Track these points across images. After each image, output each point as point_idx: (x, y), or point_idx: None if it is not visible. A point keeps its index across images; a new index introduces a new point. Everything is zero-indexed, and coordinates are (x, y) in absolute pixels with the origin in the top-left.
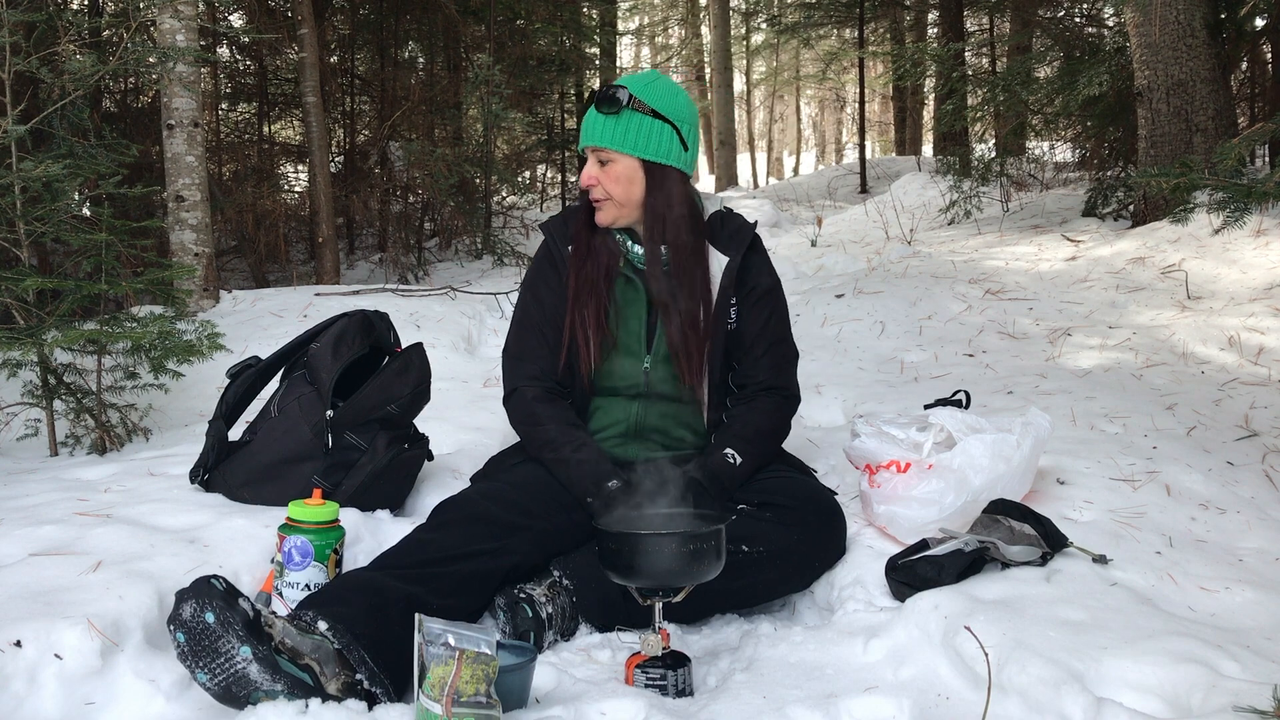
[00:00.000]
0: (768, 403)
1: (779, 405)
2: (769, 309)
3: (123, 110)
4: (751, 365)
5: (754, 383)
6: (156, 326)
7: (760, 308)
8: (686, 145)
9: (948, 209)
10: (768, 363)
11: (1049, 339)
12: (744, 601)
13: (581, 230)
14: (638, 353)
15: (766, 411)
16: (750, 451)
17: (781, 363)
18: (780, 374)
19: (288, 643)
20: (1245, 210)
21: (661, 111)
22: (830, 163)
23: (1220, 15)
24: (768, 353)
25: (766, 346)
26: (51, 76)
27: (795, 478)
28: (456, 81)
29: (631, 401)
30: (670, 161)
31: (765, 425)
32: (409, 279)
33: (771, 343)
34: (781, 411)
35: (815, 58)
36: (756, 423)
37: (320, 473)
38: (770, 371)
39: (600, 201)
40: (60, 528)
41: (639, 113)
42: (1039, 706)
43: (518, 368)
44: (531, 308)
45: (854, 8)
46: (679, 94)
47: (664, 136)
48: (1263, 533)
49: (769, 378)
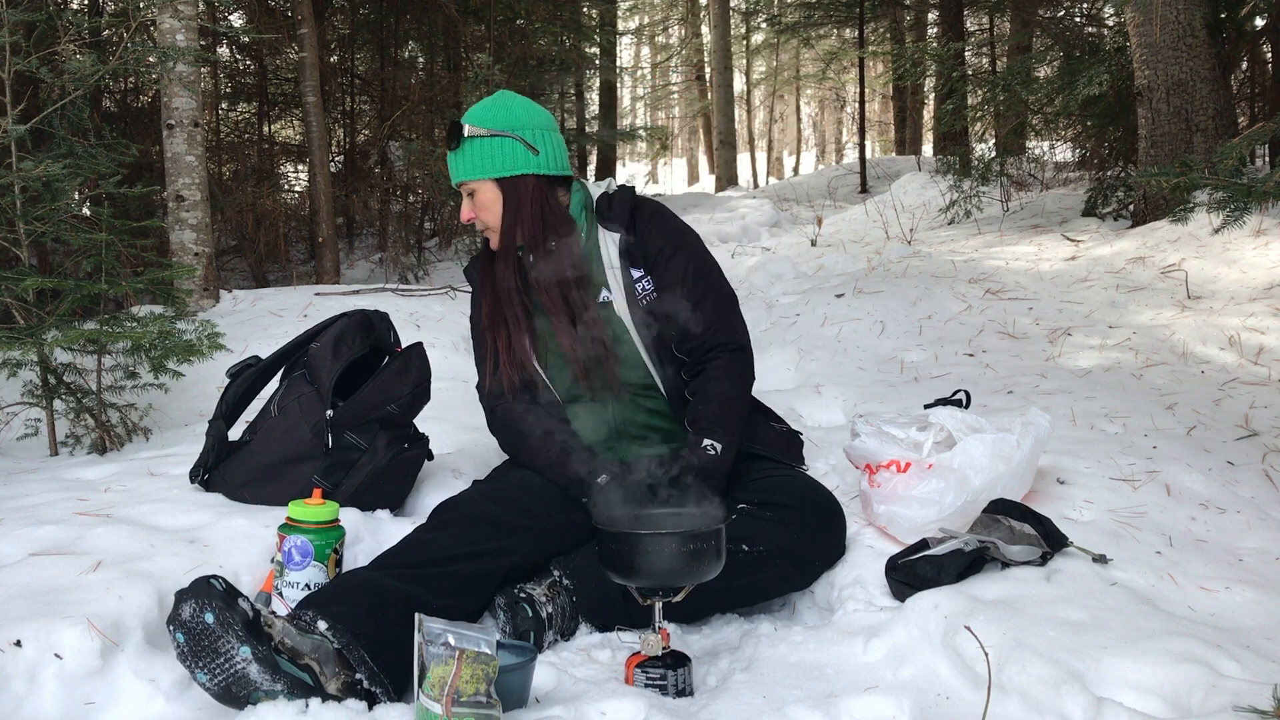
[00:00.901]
0: (718, 366)
1: (729, 364)
2: (681, 265)
3: (123, 110)
4: (687, 325)
5: (696, 343)
6: (156, 326)
7: (670, 267)
8: (535, 148)
9: (948, 209)
10: (700, 317)
11: (1049, 339)
12: (744, 601)
13: (483, 262)
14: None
15: (720, 377)
16: (724, 430)
17: (717, 313)
18: (720, 326)
19: (287, 642)
20: (1245, 210)
21: (497, 129)
22: (830, 162)
23: (1220, 15)
24: (698, 306)
25: (695, 301)
26: (51, 76)
27: (796, 476)
28: (456, 81)
29: (605, 403)
30: (520, 170)
31: (728, 391)
32: (409, 279)
33: (699, 296)
34: (736, 370)
35: (815, 57)
36: (719, 392)
37: (320, 473)
38: (707, 325)
39: (485, 231)
40: (60, 528)
41: (478, 138)
42: (1039, 706)
43: (490, 388)
44: (479, 344)
45: (854, 8)
46: (514, 104)
47: (506, 150)
48: (1263, 533)
49: (708, 332)
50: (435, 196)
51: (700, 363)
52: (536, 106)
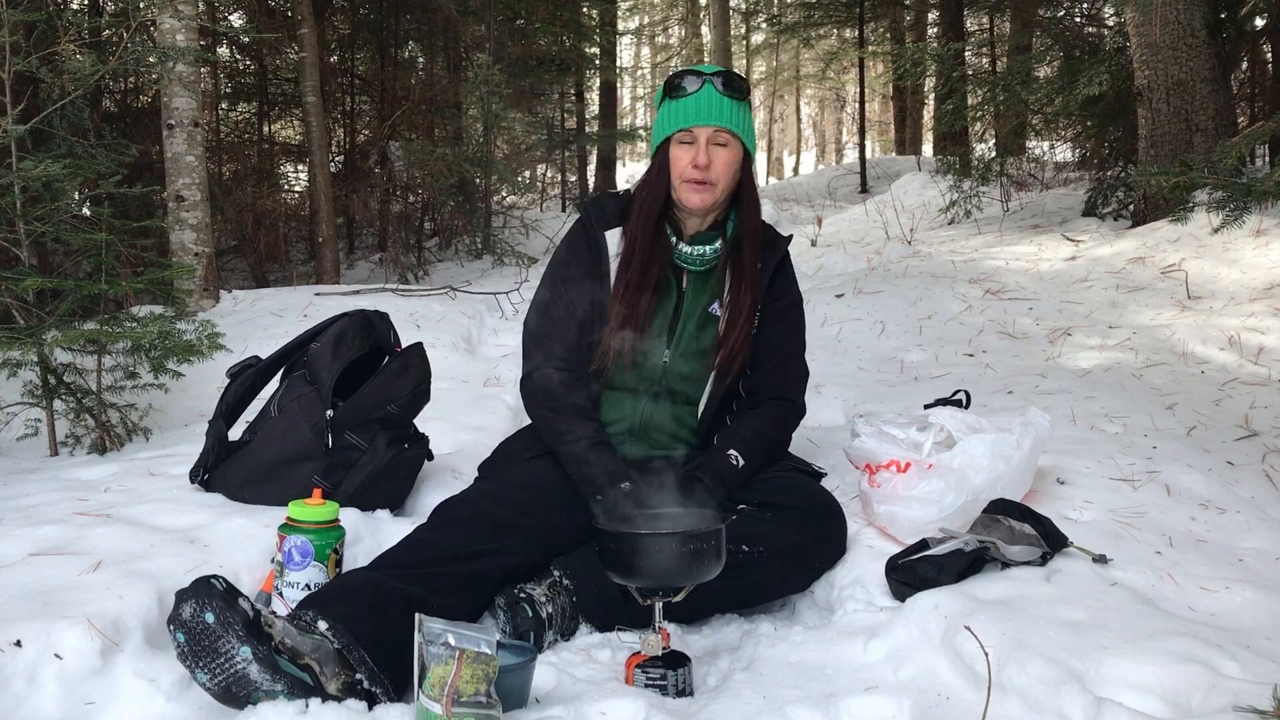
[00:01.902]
0: (772, 410)
1: (783, 414)
2: (789, 323)
3: (123, 110)
4: (764, 375)
5: (764, 391)
6: (156, 326)
7: (782, 320)
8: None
9: (948, 209)
10: (780, 376)
11: (1049, 339)
12: (744, 601)
13: (649, 223)
14: (659, 349)
15: (770, 418)
16: (752, 454)
17: (793, 378)
18: (790, 388)
19: (288, 642)
20: (1245, 209)
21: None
22: (830, 162)
23: (1220, 15)
24: (781, 366)
25: (781, 360)
26: (51, 76)
27: (796, 478)
28: (456, 81)
29: (640, 398)
30: (752, 152)
31: (769, 431)
32: (409, 279)
33: (786, 357)
34: (785, 421)
35: (815, 57)
36: (760, 428)
37: (320, 473)
38: (780, 385)
39: (707, 185)
40: (60, 528)
41: (743, 102)
42: (1039, 706)
43: (540, 347)
44: (560, 289)
45: (854, 7)
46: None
47: (752, 128)
48: (1263, 533)
49: (779, 390)
50: (435, 196)
51: (756, 404)
52: None
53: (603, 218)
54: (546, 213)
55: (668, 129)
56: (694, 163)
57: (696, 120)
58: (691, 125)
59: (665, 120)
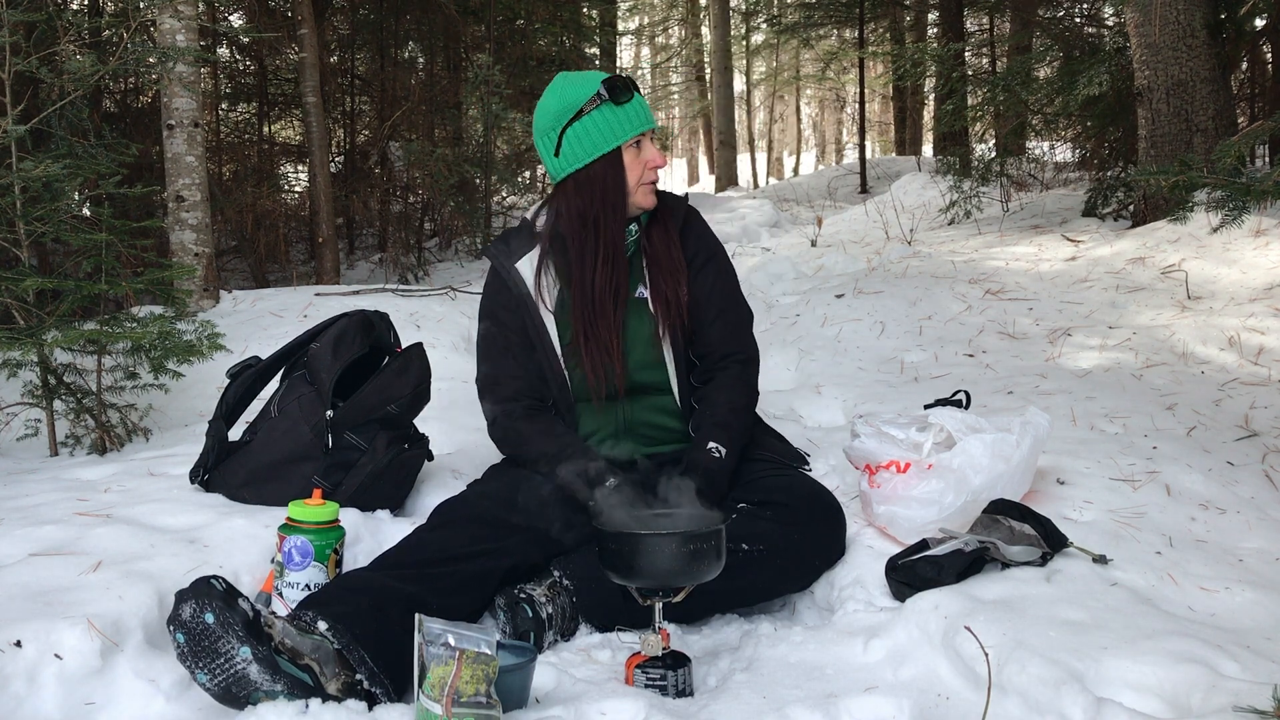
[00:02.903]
0: (729, 375)
1: (740, 374)
2: (713, 274)
3: (123, 110)
4: (709, 334)
5: (712, 350)
6: (156, 326)
7: (705, 274)
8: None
9: (948, 209)
10: (724, 330)
11: (1049, 339)
12: (744, 601)
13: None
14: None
15: (730, 385)
16: (731, 436)
17: (735, 327)
18: (736, 338)
19: (287, 643)
20: (1244, 209)
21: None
22: (830, 163)
23: (1220, 15)
24: (719, 317)
25: (718, 311)
26: (51, 76)
27: (795, 476)
28: (456, 81)
29: (614, 403)
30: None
31: (736, 401)
32: (409, 279)
33: (723, 309)
34: (745, 379)
35: (815, 58)
36: (727, 401)
37: (320, 473)
38: (726, 339)
39: (646, 187)
40: (60, 528)
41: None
42: (1039, 706)
43: (494, 394)
44: (495, 333)
45: (854, 8)
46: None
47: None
48: (1263, 533)
49: (724, 343)
50: (435, 197)
51: (710, 371)
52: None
53: (510, 255)
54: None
55: (620, 136)
56: (652, 164)
57: (646, 124)
58: (644, 130)
59: (610, 128)
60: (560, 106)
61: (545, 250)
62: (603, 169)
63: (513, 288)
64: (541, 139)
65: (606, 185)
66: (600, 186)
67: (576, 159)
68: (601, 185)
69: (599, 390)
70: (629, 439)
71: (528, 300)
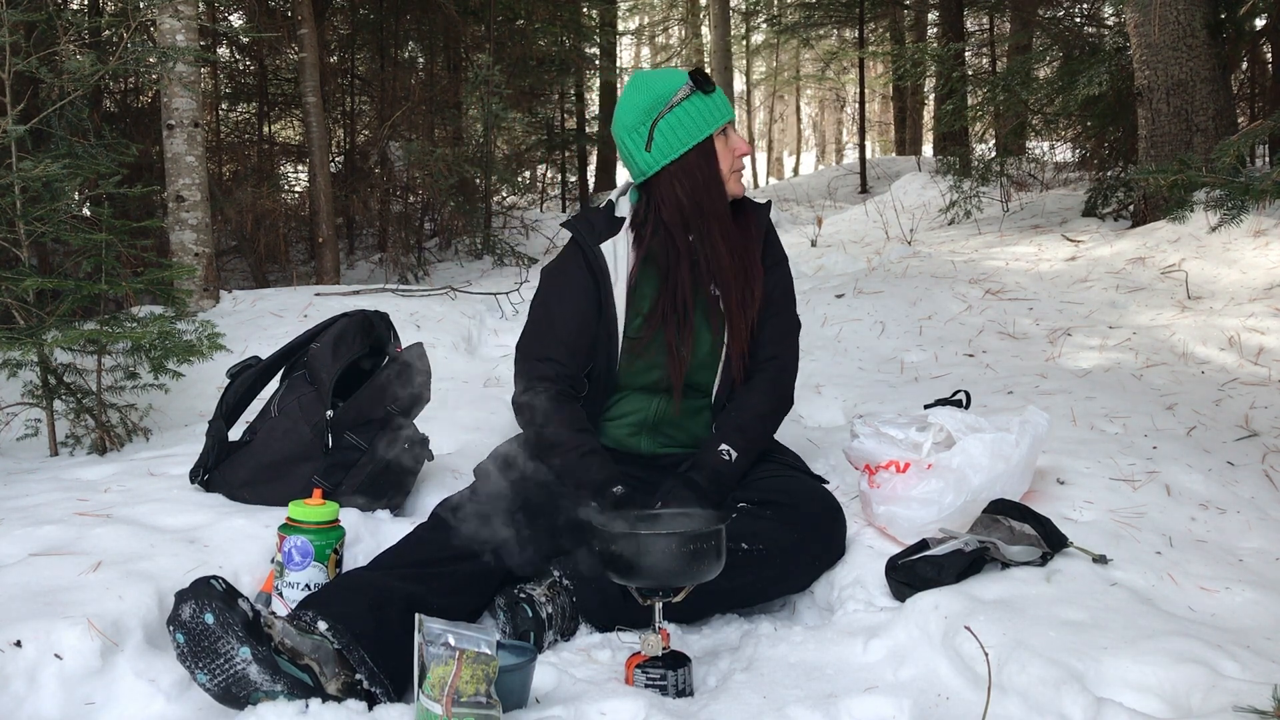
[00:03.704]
0: (764, 378)
1: (775, 378)
2: (778, 278)
3: (123, 110)
4: (757, 334)
5: (756, 352)
6: (156, 326)
7: (771, 277)
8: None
9: (948, 209)
10: (771, 330)
11: (1049, 339)
12: (744, 600)
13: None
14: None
15: (763, 389)
16: (747, 441)
17: (785, 332)
18: (782, 342)
19: (287, 643)
20: (1242, 208)
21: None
22: (830, 163)
23: (1220, 15)
24: (773, 321)
25: (774, 315)
26: (51, 76)
27: (795, 476)
28: (456, 81)
29: (654, 395)
30: None
31: (763, 407)
32: (409, 279)
33: (777, 312)
34: (779, 384)
35: (815, 58)
36: (754, 405)
37: (320, 473)
38: (773, 339)
39: (735, 175)
40: (60, 528)
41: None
42: (1039, 706)
43: (534, 368)
44: (554, 306)
45: (854, 8)
46: None
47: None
48: (1263, 533)
49: (770, 345)
50: (435, 197)
51: (749, 373)
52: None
53: (594, 233)
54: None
55: (712, 124)
56: (740, 151)
57: (730, 113)
58: (729, 118)
59: (702, 117)
60: (650, 100)
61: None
62: (696, 158)
63: (592, 262)
64: (631, 135)
65: (705, 173)
66: (699, 175)
67: (672, 149)
68: (700, 174)
69: (656, 385)
70: (655, 434)
71: (604, 281)
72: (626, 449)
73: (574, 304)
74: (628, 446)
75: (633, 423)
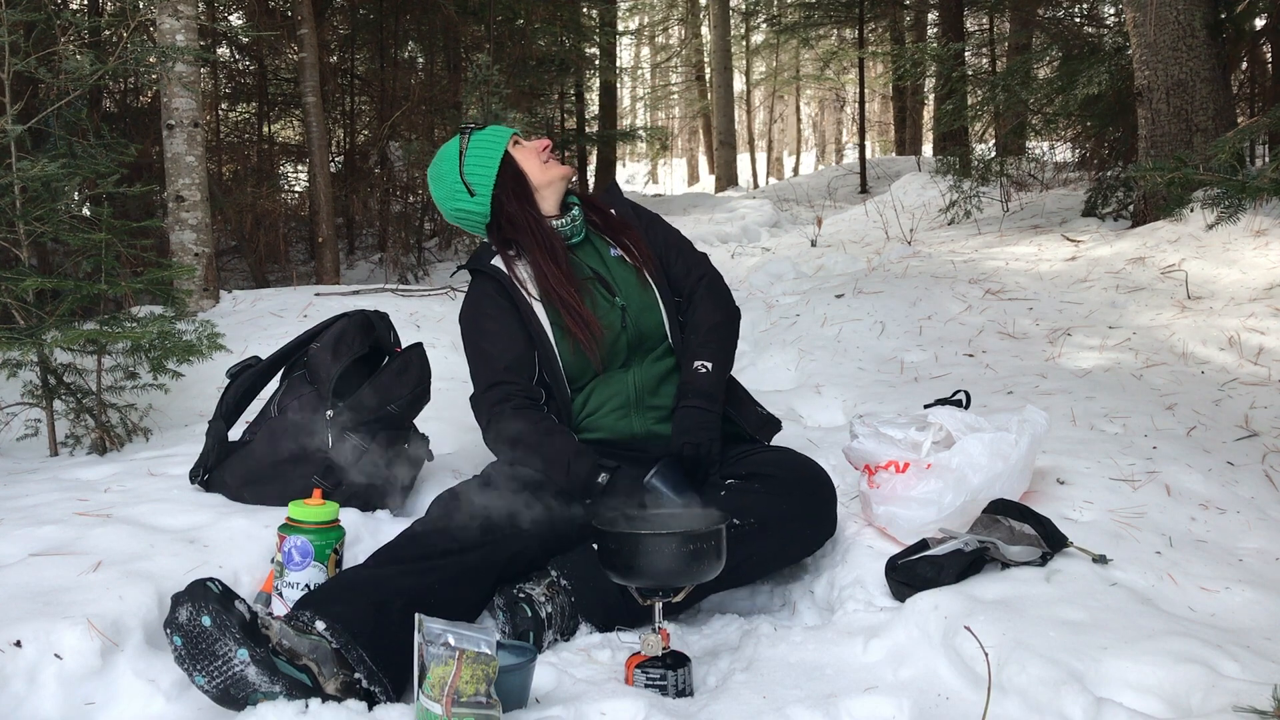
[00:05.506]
0: (700, 293)
1: (710, 287)
2: (659, 226)
3: (123, 110)
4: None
5: (680, 281)
6: (156, 326)
7: (653, 229)
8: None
9: (948, 209)
10: (680, 261)
11: (1049, 339)
12: (742, 578)
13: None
14: (612, 304)
15: (704, 301)
16: (713, 351)
17: (692, 255)
18: (696, 263)
19: (285, 644)
20: (1240, 206)
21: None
22: (830, 163)
23: (1220, 15)
24: (678, 255)
25: (675, 251)
26: (50, 76)
27: (779, 449)
28: (456, 81)
29: (627, 371)
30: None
31: (713, 317)
32: (409, 279)
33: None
34: (715, 292)
35: (815, 58)
36: (704, 319)
37: (320, 473)
38: (687, 264)
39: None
40: (60, 528)
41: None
42: (1039, 706)
43: (488, 398)
44: (484, 340)
45: (854, 8)
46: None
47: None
48: (1263, 533)
49: (688, 270)
50: None
51: (687, 299)
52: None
53: (487, 259)
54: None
55: (500, 142)
56: (541, 145)
57: (509, 130)
58: (513, 131)
59: (489, 144)
60: (446, 167)
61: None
62: (507, 171)
63: (501, 281)
64: (455, 198)
65: (519, 179)
66: (516, 185)
67: (485, 180)
68: (516, 183)
69: (592, 348)
70: (641, 410)
71: (514, 291)
72: (620, 435)
73: (500, 325)
74: (620, 432)
75: (615, 406)
